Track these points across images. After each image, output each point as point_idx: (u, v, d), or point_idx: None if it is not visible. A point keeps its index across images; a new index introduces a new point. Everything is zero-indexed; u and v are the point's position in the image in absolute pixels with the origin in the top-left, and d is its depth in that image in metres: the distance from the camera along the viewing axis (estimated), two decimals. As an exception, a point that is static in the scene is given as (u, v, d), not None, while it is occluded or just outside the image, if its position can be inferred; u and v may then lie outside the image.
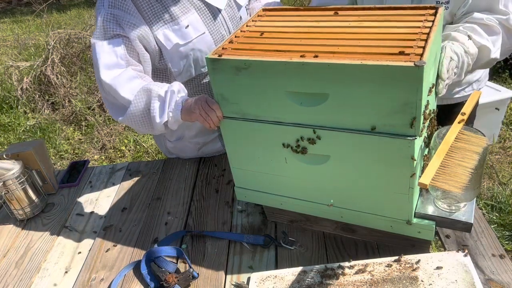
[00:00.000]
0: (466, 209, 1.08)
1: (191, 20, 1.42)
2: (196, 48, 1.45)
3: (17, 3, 10.32)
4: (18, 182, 1.48)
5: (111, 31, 1.33)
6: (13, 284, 1.28)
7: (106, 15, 1.33)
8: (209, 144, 1.74)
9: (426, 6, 1.07)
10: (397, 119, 0.91)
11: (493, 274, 1.08)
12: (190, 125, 1.64)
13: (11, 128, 4.14)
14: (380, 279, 1.03)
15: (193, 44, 1.44)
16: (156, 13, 1.38)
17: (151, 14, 1.37)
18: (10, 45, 6.39)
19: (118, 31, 1.34)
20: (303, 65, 0.94)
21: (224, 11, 1.48)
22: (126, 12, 1.34)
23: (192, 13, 1.42)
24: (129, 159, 3.51)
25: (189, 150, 1.75)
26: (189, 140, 1.71)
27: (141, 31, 1.35)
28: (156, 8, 1.38)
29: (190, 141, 1.71)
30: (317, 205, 1.18)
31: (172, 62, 1.45)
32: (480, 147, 0.97)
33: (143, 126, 1.35)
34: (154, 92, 1.29)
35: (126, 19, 1.33)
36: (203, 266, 1.24)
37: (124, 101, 1.33)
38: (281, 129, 1.07)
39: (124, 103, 1.33)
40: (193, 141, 1.71)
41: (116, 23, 1.33)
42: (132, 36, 1.34)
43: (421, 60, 0.85)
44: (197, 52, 1.46)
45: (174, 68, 1.46)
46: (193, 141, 1.71)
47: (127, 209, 1.53)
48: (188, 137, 1.70)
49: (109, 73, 1.33)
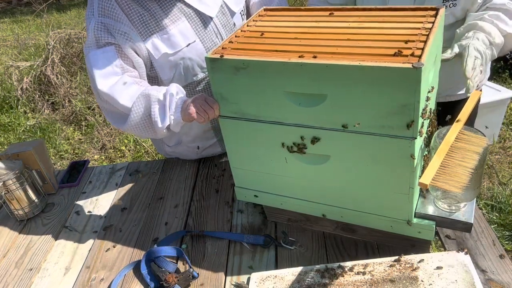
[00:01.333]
0: (466, 209, 1.08)
1: (181, 29, 1.39)
2: (186, 57, 1.43)
3: (17, 3, 10.32)
4: (18, 182, 1.48)
5: (103, 39, 1.32)
6: (13, 284, 1.28)
7: (96, 24, 1.32)
8: (209, 148, 1.73)
9: (426, 7, 1.07)
10: (396, 120, 0.91)
11: (493, 274, 1.08)
12: (187, 131, 1.64)
13: (11, 128, 4.14)
14: (380, 279, 1.03)
15: (183, 53, 1.42)
16: (145, 22, 1.36)
17: (140, 23, 1.35)
18: (10, 45, 6.40)
19: (110, 39, 1.32)
20: (301, 65, 0.94)
21: (216, 18, 1.46)
22: (116, 21, 1.33)
23: (182, 21, 1.39)
24: (129, 159, 3.51)
25: (188, 154, 1.75)
26: (187, 144, 1.70)
27: (131, 39, 1.34)
28: (145, 17, 1.36)
29: (189, 145, 1.71)
30: (317, 205, 1.18)
31: (161, 71, 1.44)
32: (480, 147, 0.97)
33: (145, 131, 1.33)
34: (153, 96, 1.27)
35: (116, 28, 1.32)
36: (203, 266, 1.24)
37: (124, 109, 1.31)
38: (281, 129, 1.07)
39: (124, 110, 1.31)
40: (192, 145, 1.71)
41: (107, 32, 1.32)
42: (123, 44, 1.33)
43: (419, 61, 0.85)
44: (187, 61, 1.44)
45: (164, 77, 1.45)
46: (192, 145, 1.71)
47: (127, 209, 1.53)
48: (186, 141, 1.69)
49: (105, 82, 1.31)
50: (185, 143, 1.70)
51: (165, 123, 1.27)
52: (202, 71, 1.48)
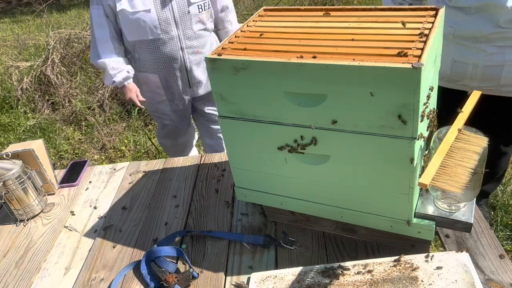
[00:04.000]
0: (466, 209, 1.08)
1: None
2: (141, 19, 1.99)
3: (17, 3, 10.32)
4: (18, 182, 1.48)
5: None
6: (13, 284, 1.28)
7: None
8: (161, 104, 2.33)
9: (426, 8, 1.07)
10: (396, 120, 0.91)
11: (493, 274, 1.08)
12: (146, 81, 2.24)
13: (11, 128, 4.14)
14: (380, 279, 1.03)
15: (140, 15, 1.98)
16: None
17: None
18: (10, 45, 6.39)
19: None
20: (301, 65, 0.94)
21: (175, 1, 2.01)
22: None
23: None
24: (129, 159, 3.51)
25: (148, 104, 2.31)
26: (145, 94, 2.25)
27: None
28: None
29: (146, 95, 2.25)
30: (317, 205, 1.18)
31: (123, 26, 2.04)
32: (480, 147, 0.97)
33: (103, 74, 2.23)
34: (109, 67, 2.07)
35: None
36: (203, 266, 1.24)
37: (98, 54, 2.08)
38: (280, 129, 1.07)
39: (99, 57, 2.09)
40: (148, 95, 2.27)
41: None
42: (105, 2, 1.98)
43: (419, 61, 0.85)
44: (141, 22, 2.00)
45: (124, 30, 2.06)
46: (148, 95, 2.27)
47: (127, 209, 1.53)
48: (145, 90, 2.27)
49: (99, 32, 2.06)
50: (145, 91, 2.24)
51: (109, 83, 2.11)
52: (151, 34, 2.04)
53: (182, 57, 2.16)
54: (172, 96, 2.30)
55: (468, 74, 1.75)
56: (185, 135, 2.61)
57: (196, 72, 2.24)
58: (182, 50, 2.14)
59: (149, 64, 2.16)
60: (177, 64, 2.17)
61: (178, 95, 2.30)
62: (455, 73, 1.78)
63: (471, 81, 1.75)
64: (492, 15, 1.60)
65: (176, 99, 2.32)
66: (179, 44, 2.11)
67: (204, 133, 2.66)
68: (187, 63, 2.18)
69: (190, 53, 2.16)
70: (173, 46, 2.11)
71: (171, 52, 2.12)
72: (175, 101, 2.32)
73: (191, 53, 2.17)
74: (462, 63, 1.74)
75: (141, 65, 2.19)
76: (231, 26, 2.33)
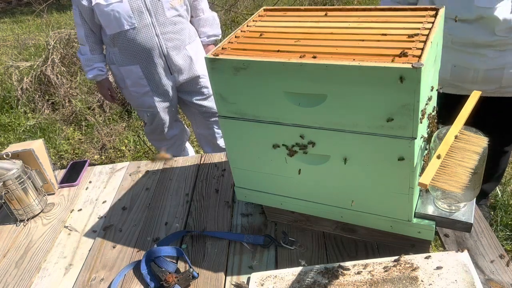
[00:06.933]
0: (466, 209, 1.08)
1: None
2: (115, 10, 2.10)
3: (17, 3, 10.31)
4: (18, 182, 1.48)
5: None
6: (13, 284, 1.28)
7: None
8: (145, 97, 2.41)
9: (426, 8, 1.07)
10: (396, 120, 0.91)
11: (493, 274, 1.08)
12: (128, 75, 2.35)
13: (11, 128, 4.14)
14: (380, 279, 1.03)
15: (114, 6, 2.10)
16: None
17: None
18: (10, 45, 6.39)
19: None
20: (301, 65, 0.94)
21: None
22: None
23: None
24: (129, 159, 3.51)
25: (132, 98, 2.46)
26: (129, 88, 2.40)
27: None
28: None
29: (130, 89, 2.41)
30: (317, 205, 1.18)
31: (101, 18, 2.15)
32: (480, 147, 0.97)
33: None
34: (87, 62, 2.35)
35: None
36: (203, 266, 1.24)
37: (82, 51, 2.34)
38: (280, 129, 1.07)
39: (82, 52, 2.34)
40: (132, 89, 2.41)
41: None
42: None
43: (419, 61, 0.85)
44: (116, 13, 2.11)
45: (103, 22, 2.16)
46: (132, 89, 2.41)
47: (127, 209, 1.53)
48: (129, 85, 2.40)
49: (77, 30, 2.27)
50: (129, 85, 2.37)
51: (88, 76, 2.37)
52: (127, 23, 2.14)
53: (158, 43, 2.24)
54: (155, 86, 2.38)
55: (469, 78, 1.74)
56: (172, 128, 2.64)
57: (175, 58, 2.32)
58: (157, 37, 2.23)
59: (130, 55, 2.27)
60: (155, 51, 2.26)
61: (161, 84, 2.37)
62: (456, 78, 1.77)
63: (472, 85, 1.75)
64: (487, 25, 1.60)
65: (159, 89, 2.39)
66: (153, 30, 2.20)
67: (195, 124, 2.73)
68: (164, 49, 2.27)
69: (167, 39, 2.25)
70: (148, 34, 2.20)
71: (147, 40, 2.21)
72: (159, 90, 2.40)
73: (168, 40, 2.26)
74: (463, 68, 1.73)
75: (123, 59, 2.29)
76: (203, 14, 2.45)
